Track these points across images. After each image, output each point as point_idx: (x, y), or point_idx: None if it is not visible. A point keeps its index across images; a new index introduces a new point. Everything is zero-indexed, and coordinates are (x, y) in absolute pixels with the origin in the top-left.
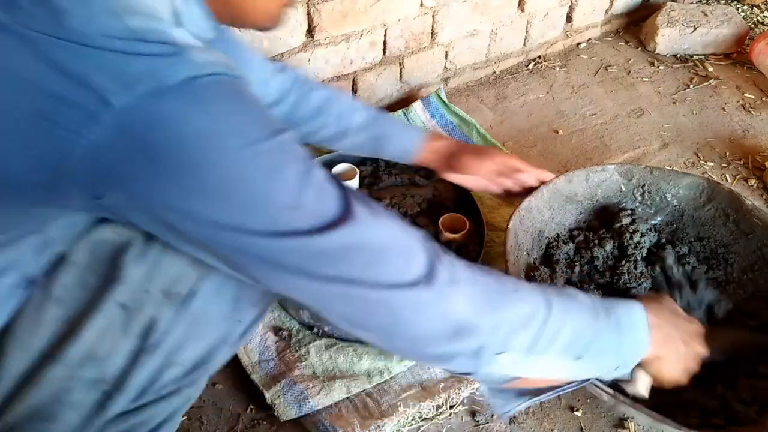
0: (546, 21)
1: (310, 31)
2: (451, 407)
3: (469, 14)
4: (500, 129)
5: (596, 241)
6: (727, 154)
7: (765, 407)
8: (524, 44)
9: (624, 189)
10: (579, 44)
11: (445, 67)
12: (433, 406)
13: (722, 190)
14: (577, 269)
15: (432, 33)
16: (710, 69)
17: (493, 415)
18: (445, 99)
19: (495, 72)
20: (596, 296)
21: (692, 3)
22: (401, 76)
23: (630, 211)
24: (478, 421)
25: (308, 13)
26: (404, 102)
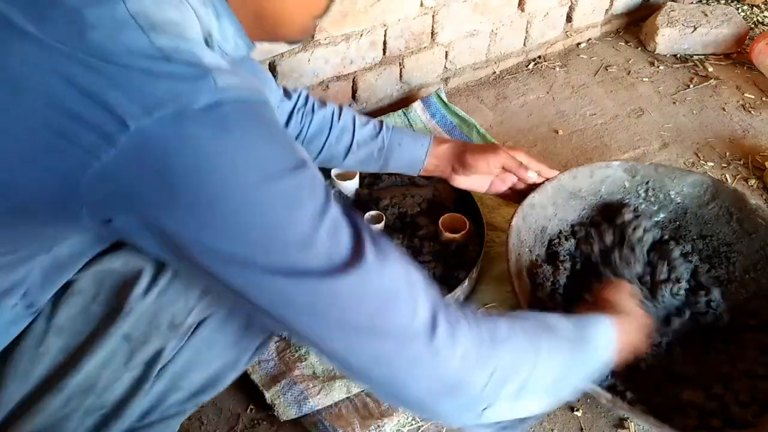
0: (546, 21)
1: None
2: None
3: (469, 14)
4: (500, 129)
5: (596, 237)
6: (727, 154)
7: (763, 409)
8: (524, 44)
9: (628, 185)
10: (579, 44)
11: (445, 67)
12: None
13: (726, 189)
14: (579, 266)
15: (432, 33)
16: (710, 69)
17: None
18: (445, 99)
19: (495, 72)
20: (572, 319)
21: (692, 3)
22: (401, 76)
23: (633, 208)
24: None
25: None
26: (404, 102)
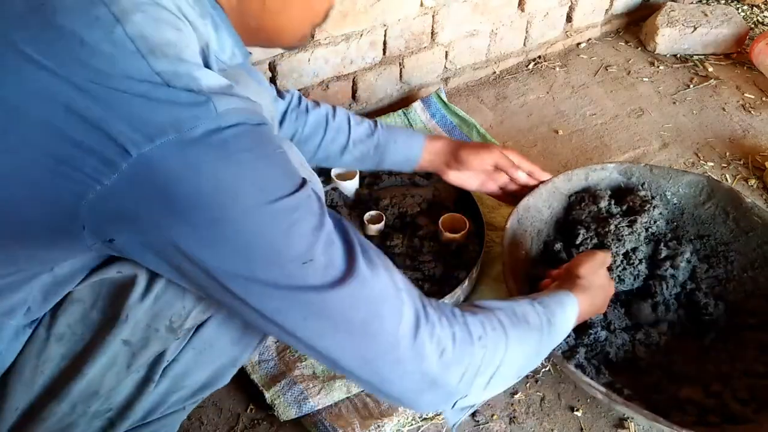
0: (546, 21)
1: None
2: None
3: (469, 14)
4: (500, 129)
5: (590, 200)
6: (727, 154)
7: (762, 406)
8: (524, 44)
9: (623, 187)
10: (579, 44)
11: (445, 67)
12: None
13: (722, 188)
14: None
15: (432, 33)
16: (710, 69)
17: (493, 416)
18: (445, 99)
19: (495, 72)
20: (540, 304)
21: (692, 3)
22: (401, 76)
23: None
24: (478, 421)
25: None
26: (404, 102)
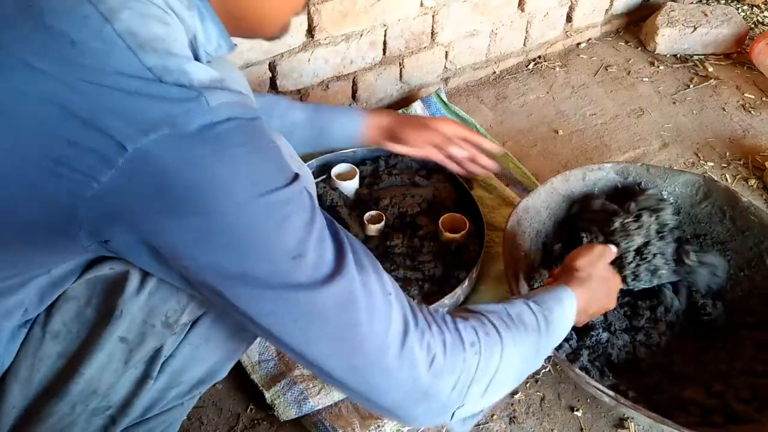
0: (546, 21)
1: (310, 31)
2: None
3: (469, 14)
4: (500, 129)
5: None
6: (727, 154)
7: (764, 405)
8: (524, 44)
9: (621, 187)
10: (579, 44)
11: (445, 67)
12: None
13: (718, 188)
14: None
15: (432, 33)
16: (710, 69)
17: (493, 415)
18: (445, 99)
19: (495, 72)
20: (537, 302)
21: (692, 3)
22: (401, 76)
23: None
24: (478, 422)
25: (308, 13)
26: (404, 102)
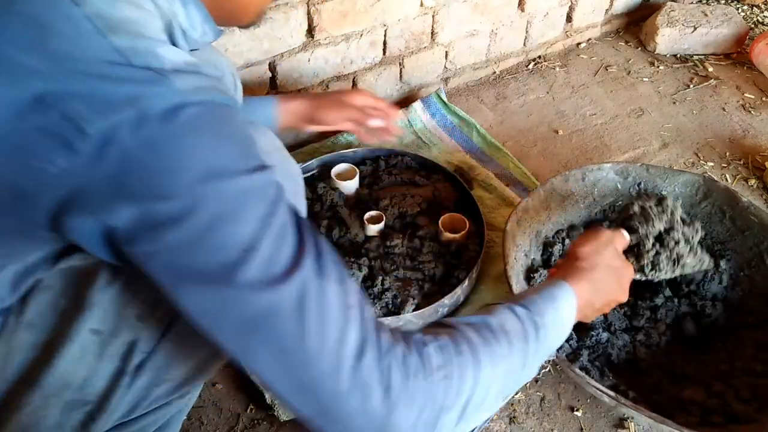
0: (546, 21)
1: (310, 31)
2: None
3: (469, 14)
4: (500, 129)
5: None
6: (727, 154)
7: (764, 405)
8: (524, 44)
9: (620, 187)
10: (579, 44)
11: (445, 67)
12: None
13: (718, 188)
14: None
15: (432, 33)
16: (710, 69)
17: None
18: (445, 99)
19: (495, 72)
20: (525, 305)
21: (692, 3)
22: (401, 76)
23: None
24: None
25: (308, 13)
26: (404, 102)
